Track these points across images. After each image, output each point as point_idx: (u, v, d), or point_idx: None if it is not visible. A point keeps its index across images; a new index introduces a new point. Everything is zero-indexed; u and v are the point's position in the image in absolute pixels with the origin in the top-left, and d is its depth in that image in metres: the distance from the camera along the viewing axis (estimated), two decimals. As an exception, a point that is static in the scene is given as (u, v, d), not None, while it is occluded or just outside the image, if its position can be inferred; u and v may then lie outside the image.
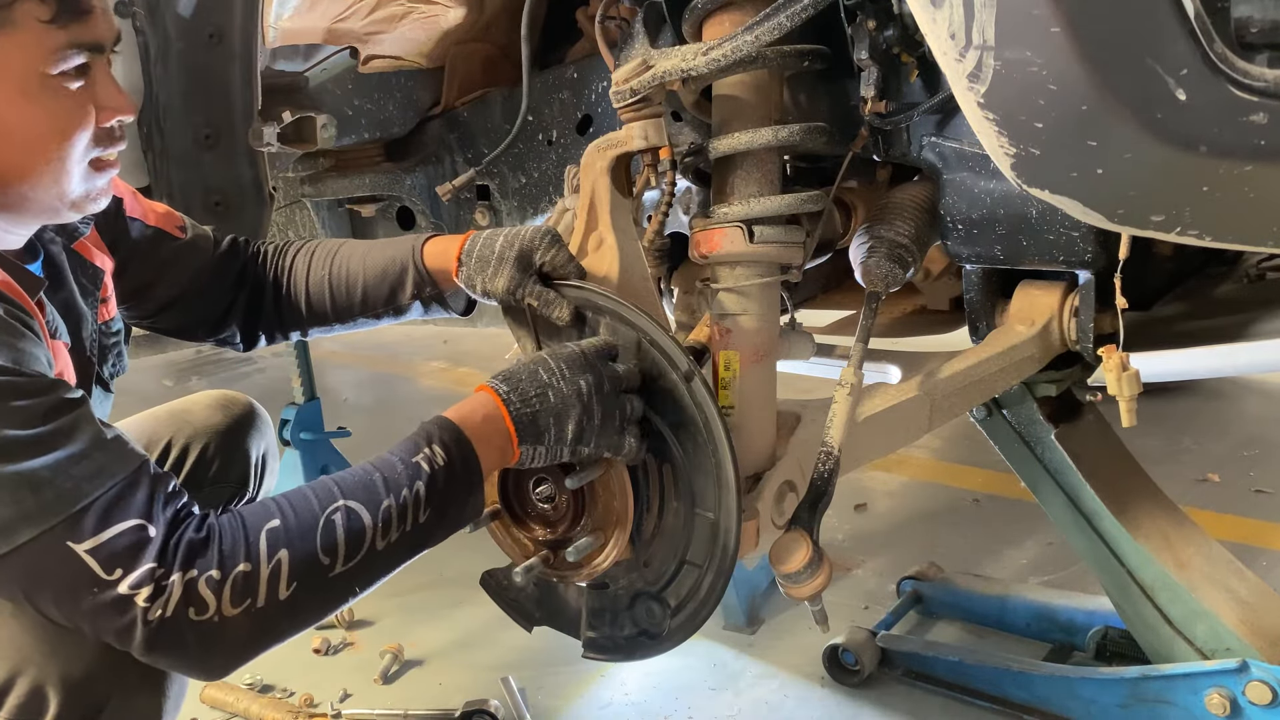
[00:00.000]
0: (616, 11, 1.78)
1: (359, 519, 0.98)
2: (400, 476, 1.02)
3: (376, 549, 1.00)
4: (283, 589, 0.93)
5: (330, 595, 0.99)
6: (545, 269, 1.28)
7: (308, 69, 2.25)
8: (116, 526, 0.90)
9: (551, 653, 2.41)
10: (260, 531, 0.94)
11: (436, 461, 1.04)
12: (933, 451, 3.54)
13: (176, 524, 0.93)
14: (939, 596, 2.37)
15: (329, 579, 0.97)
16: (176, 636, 0.90)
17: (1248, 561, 1.82)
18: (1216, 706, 1.63)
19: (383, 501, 1.00)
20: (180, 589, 0.89)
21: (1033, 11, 0.95)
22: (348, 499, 0.99)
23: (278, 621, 0.95)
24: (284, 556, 0.94)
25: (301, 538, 0.95)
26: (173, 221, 1.45)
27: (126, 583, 0.89)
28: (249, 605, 0.92)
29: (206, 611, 0.90)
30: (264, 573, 0.93)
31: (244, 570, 0.92)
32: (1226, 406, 3.70)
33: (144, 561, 0.89)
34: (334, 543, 0.97)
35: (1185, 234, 1.05)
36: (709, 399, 1.15)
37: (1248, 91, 0.94)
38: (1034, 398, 1.73)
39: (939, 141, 1.47)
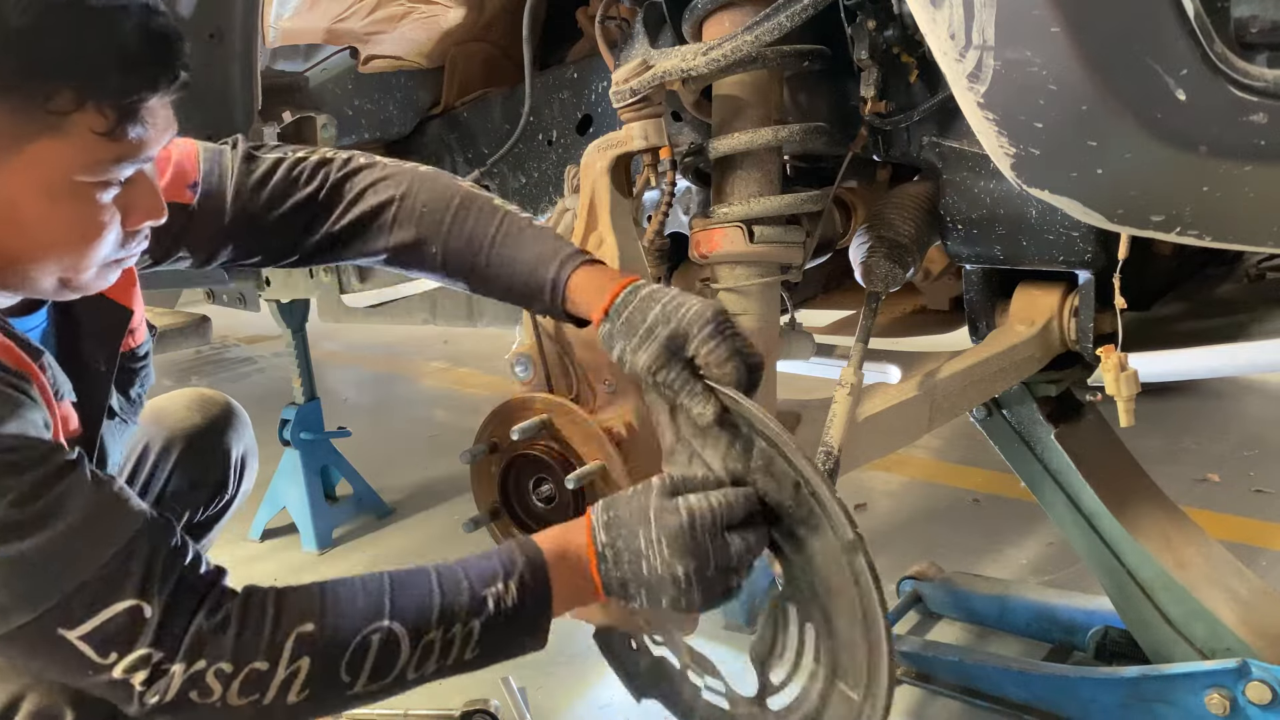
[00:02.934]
0: (617, 11, 1.78)
1: (397, 646, 0.93)
2: (460, 609, 0.95)
3: (406, 678, 0.95)
4: (294, 694, 0.90)
5: (337, 708, 0.95)
6: (698, 362, 1.07)
7: (308, 69, 2.25)
8: (109, 610, 0.87)
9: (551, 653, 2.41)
10: (291, 634, 0.90)
11: (506, 601, 0.97)
12: (933, 451, 3.54)
13: (178, 601, 0.90)
14: (939, 596, 2.37)
15: (343, 696, 0.93)
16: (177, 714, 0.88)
17: (1248, 561, 1.81)
18: (1216, 706, 1.63)
19: (429, 634, 0.94)
20: (182, 679, 0.87)
21: (1033, 11, 0.95)
22: (394, 620, 0.93)
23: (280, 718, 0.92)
24: (304, 665, 0.90)
25: (330, 652, 0.91)
26: (184, 182, 1.24)
27: (120, 667, 0.86)
28: (256, 699, 0.89)
29: (210, 697, 0.88)
30: (280, 676, 0.89)
31: (259, 668, 0.89)
32: (1226, 406, 3.70)
33: (139, 645, 0.87)
34: (361, 665, 0.92)
35: (1185, 234, 1.05)
36: (872, 581, 1.01)
37: (1248, 91, 0.94)
38: (1034, 398, 1.73)
39: (939, 141, 1.47)
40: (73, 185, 0.93)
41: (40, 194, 0.93)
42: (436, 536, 3.19)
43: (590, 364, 1.29)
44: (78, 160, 0.92)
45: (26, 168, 0.91)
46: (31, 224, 0.94)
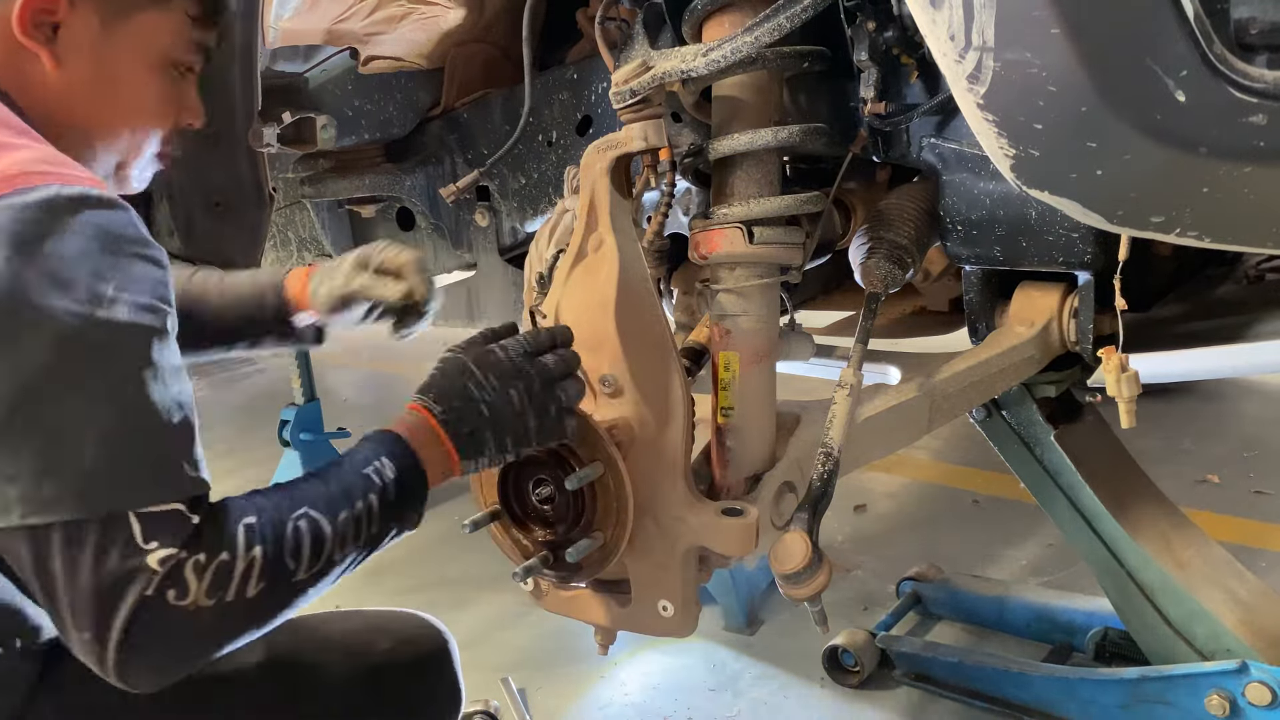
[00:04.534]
0: (616, 12, 1.78)
1: (321, 529, 0.97)
2: (354, 490, 1.01)
3: (334, 559, 0.99)
4: (251, 587, 0.92)
5: (287, 600, 0.97)
6: (383, 266, 1.40)
7: (308, 70, 2.25)
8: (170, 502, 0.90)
9: (551, 653, 2.42)
10: (239, 524, 0.93)
11: (386, 474, 1.03)
12: (933, 452, 3.55)
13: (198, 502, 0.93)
14: (939, 597, 2.37)
15: (291, 583, 0.96)
16: (156, 624, 0.87)
17: (1248, 562, 1.82)
18: (1216, 707, 1.63)
19: (340, 513, 0.99)
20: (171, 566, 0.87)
21: (1032, 13, 0.95)
22: (309, 507, 0.98)
23: (239, 620, 0.93)
24: (257, 555, 0.92)
25: (274, 540, 0.94)
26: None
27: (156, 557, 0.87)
28: (220, 598, 0.90)
29: (185, 598, 0.88)
30: (239, 568, 0.91)
31: (224, 560, 0.90)
32: (1226, 408, 3.71)
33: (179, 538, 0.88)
34: (299, 549, 0.96)
35: (1185, 235, 1.05)
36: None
37: (1247, 93, 0.94)
38: (1034, 399, 1.73)
39: (939, 142, 1.47)
40: (163, 60, 1.11)
41: (139, 62, 1.09)
42: (436, 537, 3.19)
43: (590, 365, 1.29)
44: (172, 37, 1.10)
45: (133, 35, 1.07)
46: (126, 90, 1.09)
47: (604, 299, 1.26)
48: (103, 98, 1.08)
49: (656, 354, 1.25)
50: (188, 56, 1.13)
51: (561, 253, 1.43)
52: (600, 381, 1.27)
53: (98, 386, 0.87)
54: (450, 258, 2.50)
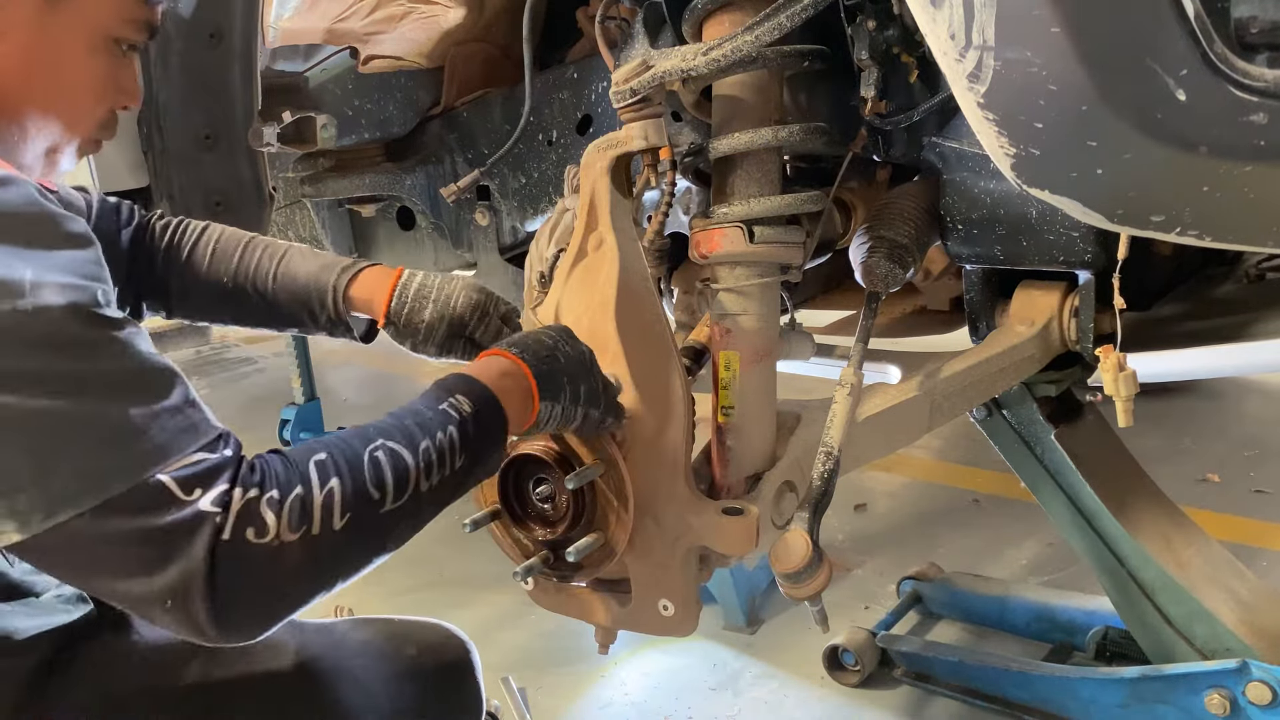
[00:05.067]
0: (617, 11, 1.78)
1: (402, 459, 0.95)
2: (432, 424, 0.99)
3: (421, 490, 0.96)
4: (337, 518, 0.89)
5: (381, 533, 0.94)
6: (477, 339, 1.35)
7: (308, 69, 2.25)
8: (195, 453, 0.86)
9: (551, 653, 2.42)
10: (309, 462, 0.90)
11: (464, 409, 1.01)
12: (933, 451, 3.55)
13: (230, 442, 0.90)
14: (939, 596, 2.37)
15: (380, 514, 0.92)
16: (240, 563, 0.84)
17: (1248, 561, 1.82)
18: (1216, 707, 1.63)
19: (421, 443, 0.96)
20: (240, 505, 0.84)
21: (1033, 12, 0.95)
22: (388, 440, 0.95)
23: (334, 554, 0.90)
24: (335, 486, 0.89)
25: (350, 472, 0.91)
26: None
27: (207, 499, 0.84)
28: (306, 531, 0.87)
29: (267, 535, 0.85)
30: (318, 499, 0.88)
31: (300, 494, 0.87)
32: (1226, 407, 3.71)
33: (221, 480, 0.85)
34: (382, 479, 0.93)
35: (1185, 234, 1.05)
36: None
37: (1247, 92, 0.93)
38: (1034, 398, 1.73)
39: (939, 142, 1.47)
40: (106, 40, 1.07)
41: (81, 41, 1.05)
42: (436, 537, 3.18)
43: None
44: (117, 15, 1.06)
45: (77, 13, 1.03)
46: (66, 68, 1.04)
47: (604, 298, 1.26)
48: (41, 75, 1.03)
49: (657, 353, 1.25)
50: (132, 33, 1.09)
51: (562, 252, 1.43)
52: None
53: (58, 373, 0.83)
54: (450, 257, 2.50)
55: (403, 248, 2.61)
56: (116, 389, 0.85)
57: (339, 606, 2.70)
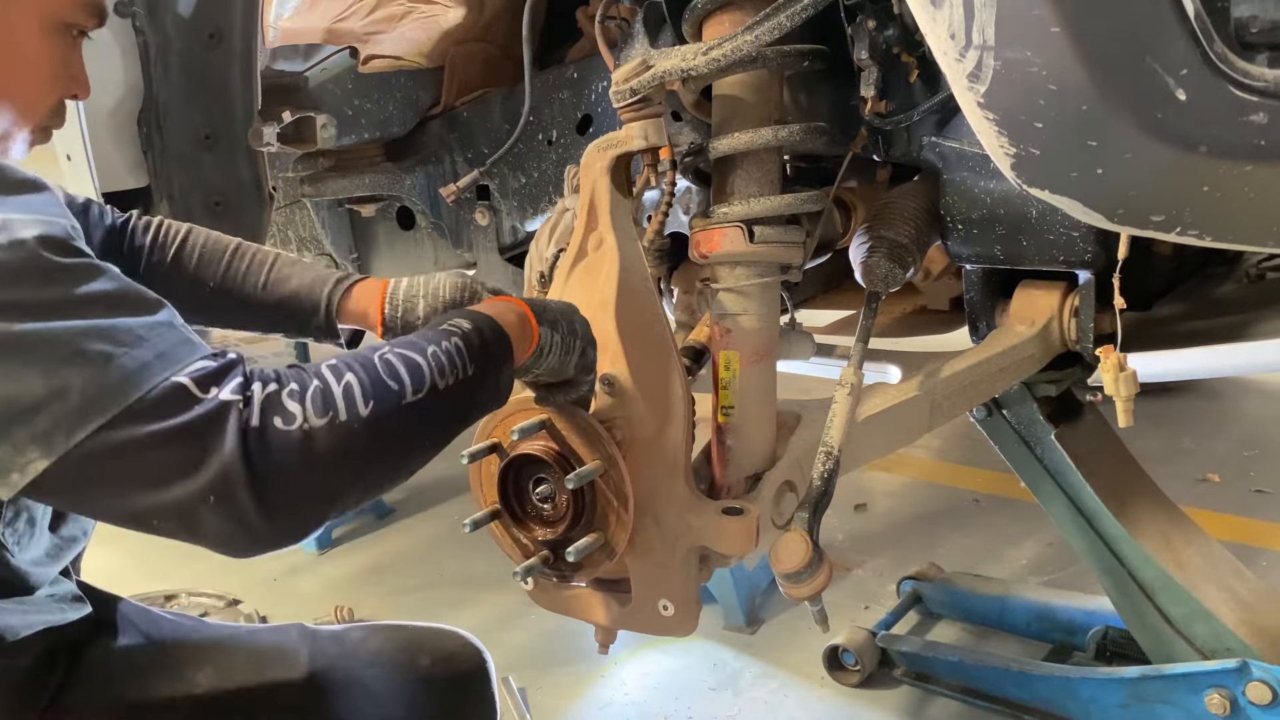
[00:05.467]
0: (616, 11, 1.78)
1: (413, 359, 0.95)
2: (434, 336, 1.00)
3: (438, 388, 0.96)
4: (361, 406, 0.89)
5: (407, 426, 0.94)
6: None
7: (308, 69, 2.25)
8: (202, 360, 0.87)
9: (551, 653, 2.42)
10: (322, 364, 0.91)
11: (463, 327, 1.02)
12: (933, 451, 3.55)
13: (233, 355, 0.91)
14: (939, 596, 2.37)
15: (404, 405, 0.92)
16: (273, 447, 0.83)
17: (1248, 561, 1.82)
18: (1216, 706, 1.63)
19: (428, 349, 0.97)
20: (262, 397, 0.84)
21: (1033, 11, 0.95)
22: (395, 347, 0.96)
23: (365, 442, 0.89)
24: (352, 379, 0.90)
25: (364, 368, 0.91)
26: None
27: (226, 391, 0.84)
28: (332, 418, 0.86)
29: (294, 422, 0.85)
30: (337, 390, 0.88)
31: (319, 386, 0.88)
32: (1226, 406, 3.71)
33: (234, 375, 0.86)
34: (397, 373, 0.93)
35: (1185, 234, 1.05)
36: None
37: (1248, 91, 0.93)
38: (1034, 398, 1.73)
39: (939, 141, 1.47)
40: (57, 25, 1.06)
41: (35, 25, 1.05)
42: (436, 536, 3.19)
43: (590, 364, 1.29)
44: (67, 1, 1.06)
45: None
46: (19, 54, 1.04)
47: (604, 298, 1.26)
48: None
49: (657, 353, 1.25)
50: (83, 18, 1.08)
51: (562, 252, 1.43)
52: (601, 380, 1.27)
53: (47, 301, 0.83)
54: (450, 257, 2.50)
55: (403, 248, 2.61)
56: (111, 306, 0.86)
57: (339, 606, 2.70)
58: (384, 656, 1.30)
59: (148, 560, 3.19)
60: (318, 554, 3.15)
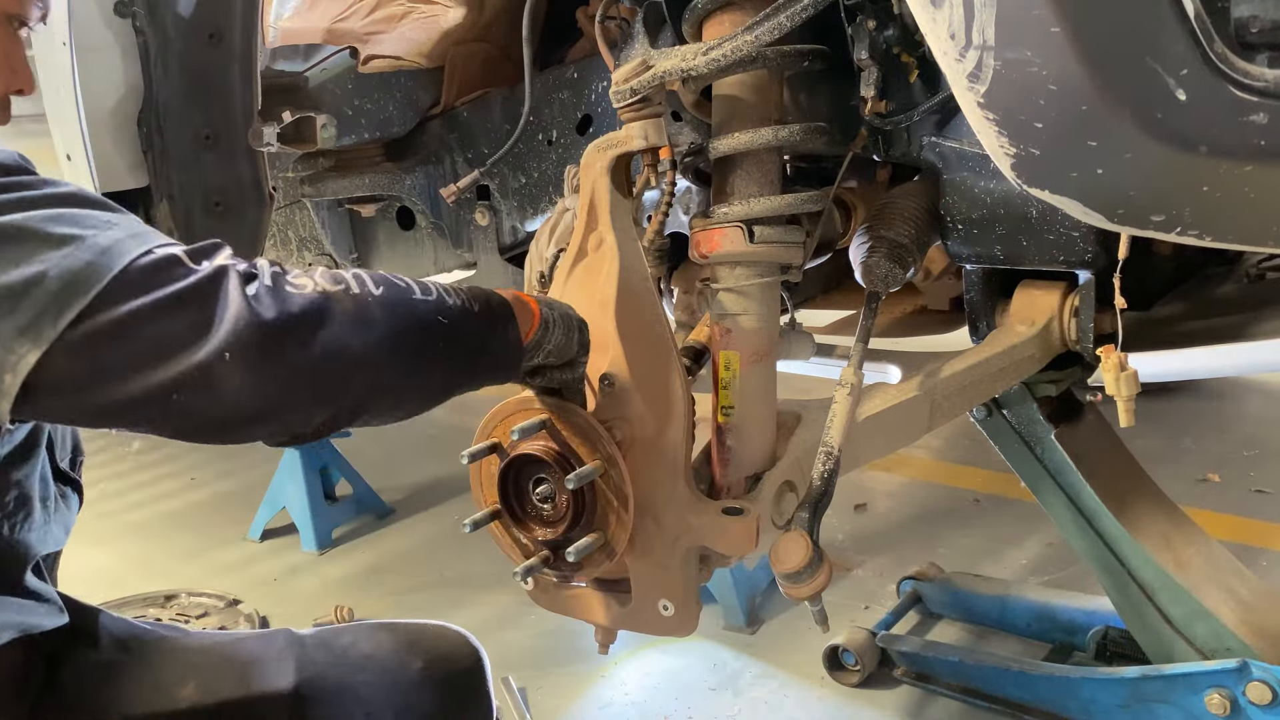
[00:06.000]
0: (617, 11, 1.78)
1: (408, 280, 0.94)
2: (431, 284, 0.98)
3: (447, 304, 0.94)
4: (371, 285, 0.88)
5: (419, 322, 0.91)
6: None
7: (308, 69, 2.25)
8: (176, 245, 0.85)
9: (551, 653, 2.42)
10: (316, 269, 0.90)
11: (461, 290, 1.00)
12: (933, 451, 3.54)
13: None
14: (939, 596, 2.37)
15: (410, 300, 0.91)
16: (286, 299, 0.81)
17: (1248, 561, 1.82)
18: (1216, 706, 1.63)
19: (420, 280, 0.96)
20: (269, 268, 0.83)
21: (1033, 11, 0.95)
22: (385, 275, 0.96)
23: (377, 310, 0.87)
24: (360, 271, 0.89)
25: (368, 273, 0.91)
26: None
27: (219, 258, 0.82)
28: (345, 289, 0.85)
29: (306, 286, 0.84)
30: (348, 271, 0.88)
31: (325, 271, 0.88)
32: (1226, 406, 3.71)
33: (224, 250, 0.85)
34: (400, 277, 0.92)
35: (1185, 234, 1.05)
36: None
37: (1248, 91, 0.93)
38: (1034, 398, 1.73)
39: (939, 141, 1.47)
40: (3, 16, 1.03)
41: None
42: (436, 536, 3.19)
43: (590, 365, 1.29)
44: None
45: None
46: None
47: (604, 298, 1.26)
48: None
49: (656, 353, 1.25)
50: (26, 9, 1.06)
51: (562, 252, 1.43)
52: (601, 380, 1.27)
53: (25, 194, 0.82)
54: (450, 257, 2.50)
55: (403, 248, 2.62)
56: (85, 200, 0.84)
57: (339, 607, 2.70)
58: (375, 661, 1.27)
59: (148, 561, 3.19)
60: (318, 554, 3.15)
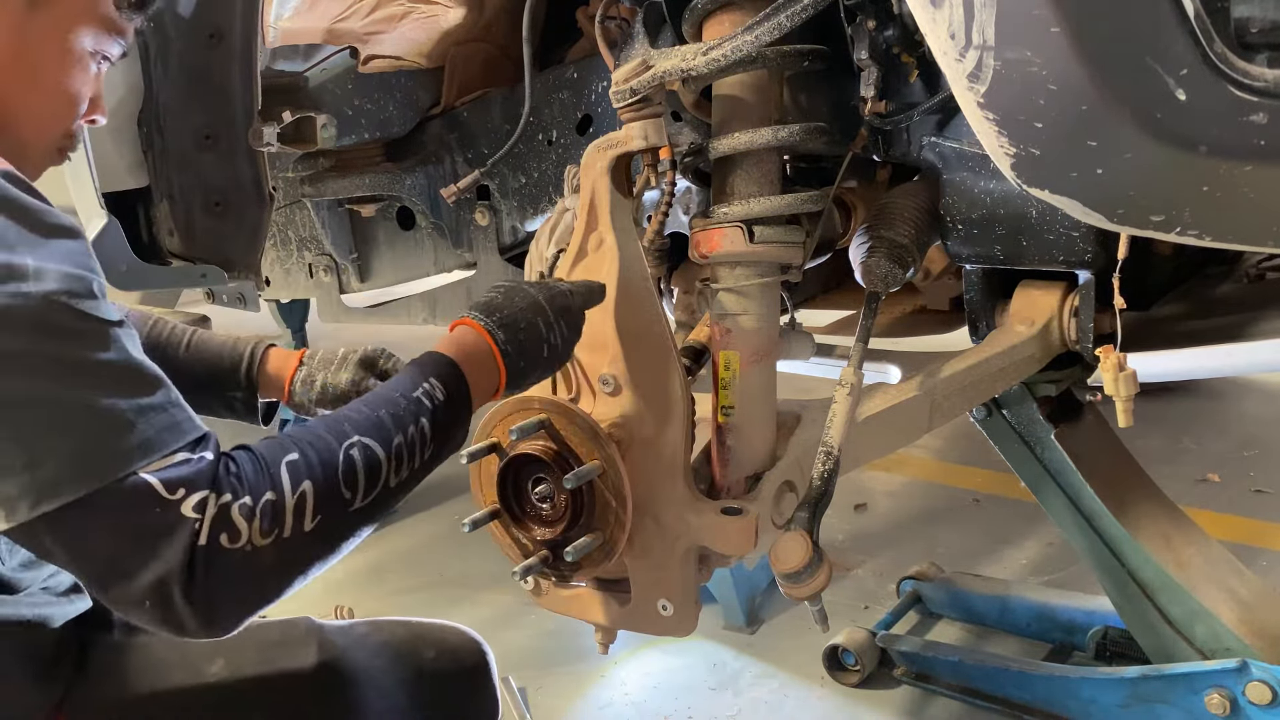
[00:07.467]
0: (616, 11, 1.78)
1: (375, 455, 0.97)
2: (406, 415, 1.01)
3: (390, 485, 0.98)
4: (308, 520, 0.90)
5: (349, 529, 0.96)
6: (387, 374, 1.36)
7: (308, 69, 2.25)
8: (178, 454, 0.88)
9: (551, 653, 2.42)
10: (280, 464, 0.91)
11: (436, 397, 1.03)
12: (933, 451, 3.54)
13: (208, 446, 0.91)
14: (939, 596, 2.37)
15: (349, 513, 0.95)
16: (215, 566, 0.85)
17: (1248, 561, 1.82)
18: (1216, 706, 1.63)
19: (394, 439, 0.99)
20: (215, 511, 0.86)
21: (1033, 11, 0.95)
22: (362, 436, 0.97)
23: (302, 554, 0.92)
24: (308, 489, 0.91)
25: (324, 473, 0.93)
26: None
27: (189, 505, 0.85)
28: (276, 536, 0.88)
29: (239, 540, 0.86)
30: (290, 503, 0.90)
31: (271, 499, 0.89)
32: (1226, 406, 3.70)
33: (200, 484, 0.86)
34: (354, 477, 0.95)
35: (1185, 234, 1.05)
36: None
37: (1248, 91, 0.94)
38: (1034, 398, 1.73)
39: (939, 141, 1.47)
40: (81, 50, 1.06)
41: (60, 44, 1.05)
42: (436, 536, 3.19)
43: (589, 364, 1.29)
44: (98, 22, 1.06)
45: (59, 16, 1.03)
46: (45, 72, 1.05)
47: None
48: (20, 78, 1.03)
49: (656, 353, 1.25)
50: (108, 46, 1.09)
51: (562, 252, 1.43)
52: (600, 380, 1.27)
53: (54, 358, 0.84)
54: (450, 257, 2.50)
55: (403, 248, 2.61)
56: (106, 381, 0.86)
57: (339, 606, 2.70)
58: (390, 649, 1.32)
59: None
60: (318, 554, 3.15)
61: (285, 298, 2.91)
